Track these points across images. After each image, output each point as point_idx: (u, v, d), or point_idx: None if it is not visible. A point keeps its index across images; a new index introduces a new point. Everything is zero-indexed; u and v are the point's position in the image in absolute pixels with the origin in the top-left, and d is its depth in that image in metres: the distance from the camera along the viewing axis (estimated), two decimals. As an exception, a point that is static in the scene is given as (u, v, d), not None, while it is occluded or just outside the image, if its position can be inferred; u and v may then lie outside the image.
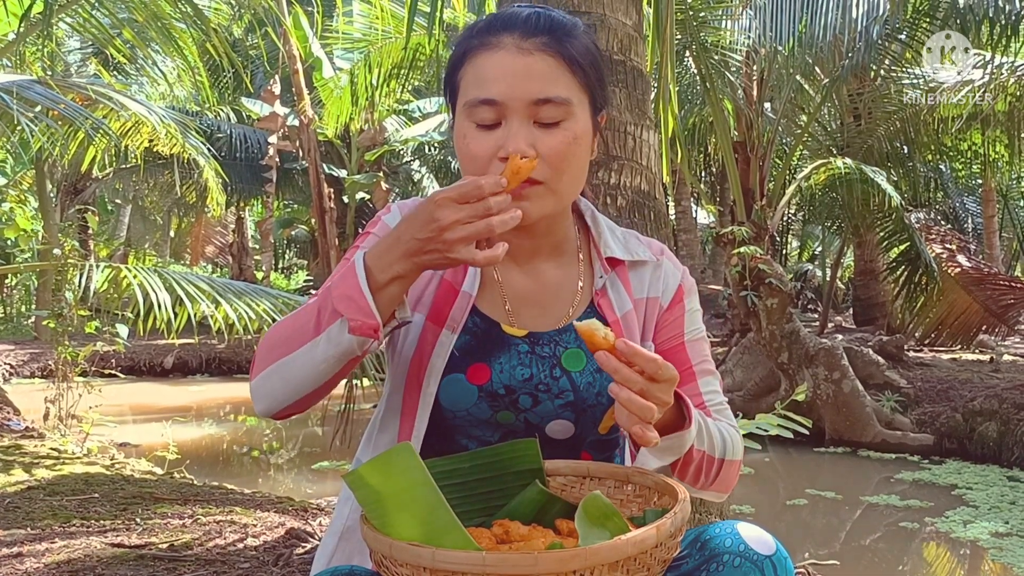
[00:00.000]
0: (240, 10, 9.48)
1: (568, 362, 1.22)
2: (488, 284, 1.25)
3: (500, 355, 1.21)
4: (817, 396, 7.68)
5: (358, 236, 1.28)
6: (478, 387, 1.19)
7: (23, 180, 16.35)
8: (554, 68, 1.14)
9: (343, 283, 1.06)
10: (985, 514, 5.56)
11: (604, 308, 1.25)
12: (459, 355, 1.20)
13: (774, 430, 2.99)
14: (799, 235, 22.98)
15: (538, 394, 1.21)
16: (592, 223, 1.30)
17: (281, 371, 1.10)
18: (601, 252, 1.27)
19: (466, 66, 1.17)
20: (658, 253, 1.31)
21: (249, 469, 7.51)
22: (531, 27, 1.15)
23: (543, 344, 1.23)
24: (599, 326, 1.00)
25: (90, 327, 6.24)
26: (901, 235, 11.41)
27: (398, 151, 15.82)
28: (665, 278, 1.30)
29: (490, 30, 1.17)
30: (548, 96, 1.13)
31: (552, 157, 1.13)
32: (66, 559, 2.73)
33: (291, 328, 1.11)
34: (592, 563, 0.87)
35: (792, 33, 8.05)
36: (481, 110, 1.14)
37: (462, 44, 1.20)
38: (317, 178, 9.79)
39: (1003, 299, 10.99)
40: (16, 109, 4.94)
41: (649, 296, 1.28)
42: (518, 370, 1.21)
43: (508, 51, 1.14)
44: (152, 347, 12.48)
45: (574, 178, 1.19)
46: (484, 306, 1.24)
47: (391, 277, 1.05)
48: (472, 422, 1.20)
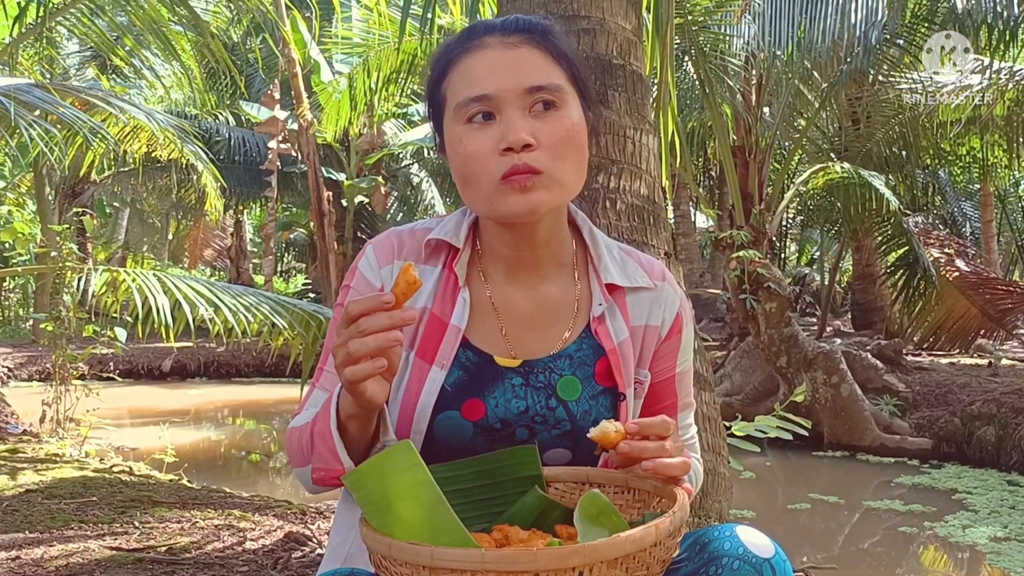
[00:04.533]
0: (238, 15, 9.49)
1: (563, 391, 1.20)
2: (481, 313, 1.22)
3: (494, 389, 1.19)
4: (816, 400, 7.68)
5: (340, 289, 1.26)
6: (473, 423, 1.18)
7: (22, 183, 16.36)
8: (541, 58, 1.15)
9: (321, 419, 1.10)
10: (985, 518, 5.56)
11: (601, 336, 1.22)
12: (453, 391, 1.18)
13: (773, 432, 2.99)
14: (798, 239, 22.97)
15: (534, 426, 1.19)
16: (590, 241, 1.27)
17: (304, 476, 1.17)
18: (601, 276, 1.24)
19: (451, 74, 1.17)
20: (658, 278, 1.28)
21: (247, 472, 7.50)
22: (510, 26, 1.16)
23: (537, 373, 1.21)
24: (607, 426, 1.07)
25: (88, 330, 6.23)
26: (899, 239, 11.42)
27: (397, 155, 15.81)
28: (664, 306, 1.27)
29: (471, 36, 1.17)
30: (540, 83, 1.13)
31: (551, 143, 1.12)
32: (64, 563, 2.72)
33: (297, 444, 1.17)
34: (591, 560, 0.87)
35: (791, 38, 8.07)
36: (474, 108, 1.13)
37: (441, 58, 1.19)
38: (316, 182, 9.81)
39: (1001, 303, 10.99)
40: (14, 113, 4.95)
41: (648, 324, 1.26)
42: (513, 403, 1.19)
43: (493, 48, 1.14)
44: (150, 350, 12.47)
45: (575, 168, 1.16)
46: (476, 338, 1.21)
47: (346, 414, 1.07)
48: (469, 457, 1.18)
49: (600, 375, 1.22)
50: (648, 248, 2.43)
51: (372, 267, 1.23)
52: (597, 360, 1.23)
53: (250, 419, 10.26)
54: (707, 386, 2.50)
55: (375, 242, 1.26)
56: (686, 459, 1.07)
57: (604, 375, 1.22)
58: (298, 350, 5.03)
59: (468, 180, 1.14)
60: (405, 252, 1.23)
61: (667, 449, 1.06)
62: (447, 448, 1.17)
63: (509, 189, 1.11)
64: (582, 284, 1.26)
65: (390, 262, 1.22)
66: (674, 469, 1.05)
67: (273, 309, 4.91)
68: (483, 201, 1.14)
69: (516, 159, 1.10)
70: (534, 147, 1.11)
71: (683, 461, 1.06)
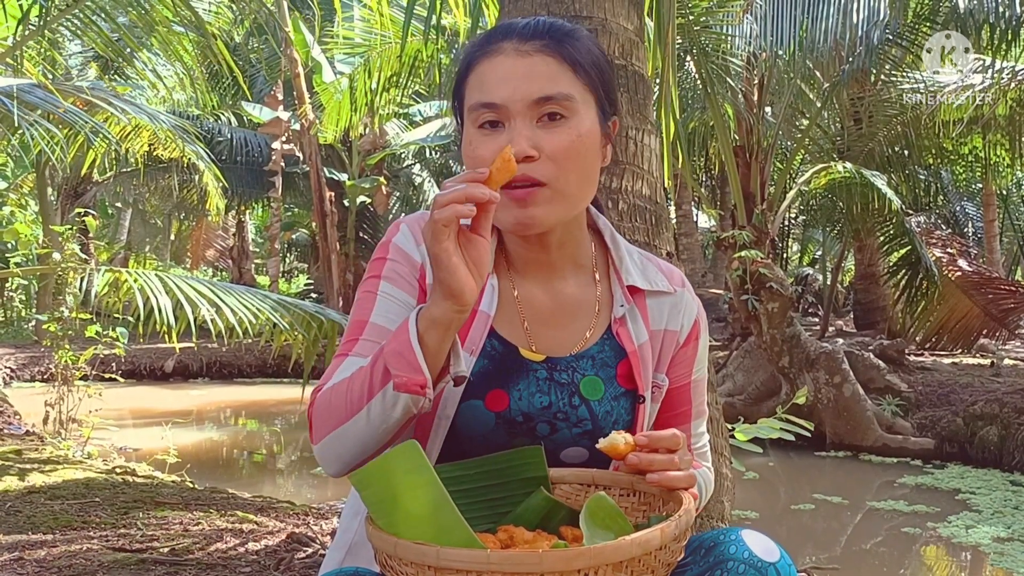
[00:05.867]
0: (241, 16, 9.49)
1: (587, 390, 1.21)
2: (506, 303, 1.23)
3: (518, 381, 1.19)
4: (818, 400, 7.68)
5: (372, 264, 1.23)
6: (496, 414, 1.18)
7: (24, 184, 16.39)
8: (554, 67, 1.14)
9: (395, 339, 1.04)
10: (988, 519, 5.55)
11: (622, 337, 1.23)
12: (478, 380, 1.18)
13: (776, 434, 2.99)
14: (800, 239, 22.99)
15: (556, 422, 1.19)
16: (612, 244, 1.27)
17: (339, 441, 1.08)
18: (623, 278, 1.25)
19: (470, 76, 1.18)
20: (678, 284, 1.30)
21: (250, 473, 7.50)
22: (529, 32, 1.15)
23: (561, 370, 1.21)
24: (617, 437, 1.08)
25: (90, 331, 6.23)
26: (902, 239, 11.41)
27: (399, 155, 15.83)
28: (684, 311, 1.28)
29: (490, 40, 1.17)
30: (548, 94, 1.12)
31: (555, 154, 1.12)
32: (67, 563, 2.72)
33: (344, 393, 1.08)
34: (596, 562, 0.87)
35: (793, 38, 8.06)
36: (483, 114, 1.13)
37: (466, 57, 1.20)
38: (318, 182, 9.82)
39: (1004, 303, 10.98)
40: (16, 113, 4.95)
41: (668, 329, 1.27)
42: (536, 397, 1.19)
43: (507, 55, 1.14)
44: (153, 351, 12.47)
45: (582, 179, 1.15)
46: (502, 328, 1.21)
47: (427, 322, 1.03)
48: (488, 448, 1.17)
49: (622, 377, 1.23)
50: (651, 248, 2.43)
51: (410, 243, 1.22)
52: (619, 362, 1.23)
53: (252, 419, 10.27)
54: (709, 386, 2.48)
55: (408, 220, 1.25)
56: (692, 473, 1.08)
57: (625, 377, 1.23)
58: (300, 350, 5.03)
59: None
60: None
61: (675, 462, 1.07)
62: (467, 438, 1.17)
63: (509, 201, 1.11)
64: (602, 286, 1.27)
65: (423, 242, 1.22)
66: (679, 482, 1.06)
67: (274, 309, 4.91)
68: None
69: (517, 170, 1.10)
70: (536, 158, 1.11)
71: (689, 474, 1.07)
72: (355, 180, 13.60)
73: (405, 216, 1.27)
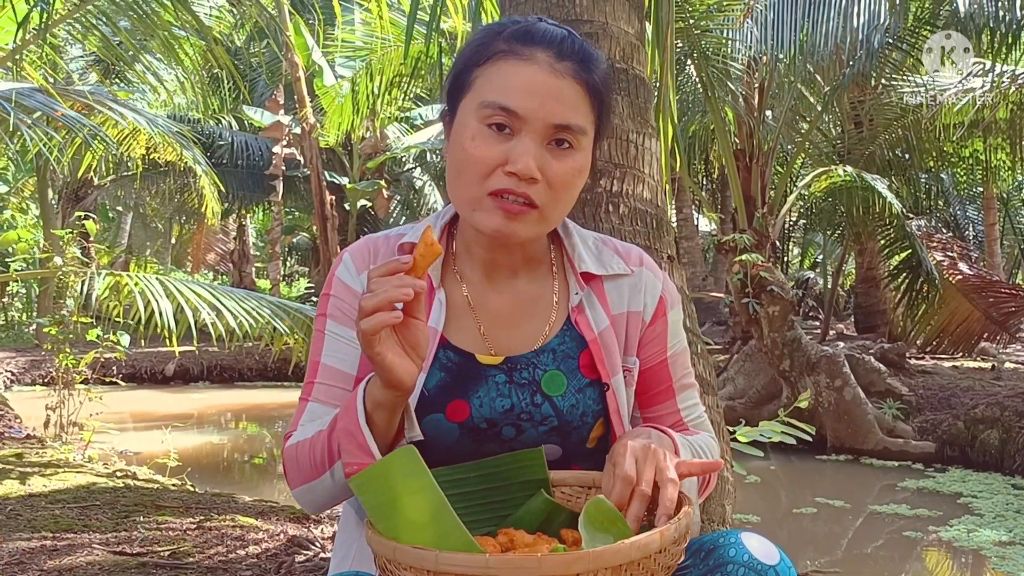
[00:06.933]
0: (242, 20, 9.51)
1: (548, 386, 1.20)
2: (458, 311, 1.22)
3: (477, 388, 1.19)
4: (819, 404, 7.67)
5: (320, 299, 1.24)
6: (459, 424, 1.17)
7: (25, 187, 16.40)
8: (579, 96, 1.13)
9: (345, 415, 1.06)
10: (990, 523, 5.54)
11: (581, 326, 1.22)
12: (436, 393, 1.17)
13: (777, 437, 2.98)
14: (800, 243, 22.98)
15: (521, 423, 1.19)
16: (564, 234, 1.27)
17: (311, 493, 1.15)
18: (576, 266, 1.24)
19: (488, 67, 1.13)
20: (636, 263, 1.28)
21: (250, 476, 7.50)
22: (565, 50, 1.13)
23: (520, 369, 1.20)
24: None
25: (91, 334, 6.23)
26: (902, 243, 11.41)
27: (400, 158, 15.84)
28: (645, 290, 1.26)
29: (524, 40, 1.13)
30: (568, 123, 1.12)
31: (555, 182, 1.12)
32: (68, 567, 2.72)
33: (308, 454, 1.13)
34: (595, 566, 0.87)
35: (793, 42, 8.07)
36: (496, 114, 1.11)
37: (486, 43, 1.15)
38: (319, 185, 9.81)
39: (1004, 307, 10.98)
40: (14, 116, 4.96)
41: (630, 310, 1.25)
42: (497, 401, 1.18)
43: (542, 68, 1.12)
44: (153, 354, 12.46)
45: (567, 206, 1.18)
46: (456, 337, 1.21)
47: (373, 404, 1.04)
48: (458, 459, 1.16)
49: (585, 367, 1.22)
50: (651, 252, 2.43)
51: (351, 273, 1.22)
52: (580, 352, 1.22)
53: (253, 423, 10.26)
54: (710, 390, 2.49)
55: (351, 250, 1.25)
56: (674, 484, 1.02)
57: (589, 367, 1.22)
58: (300, 354, 5.03)
59: (462, 176, 1.14)
60: (380, 257, 1.23)
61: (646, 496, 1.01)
62: (434, 451, 1.16)
63: (496, 208, 1.11)
64: (559, 279, 1.26)
65: (367, 268, 1.21)
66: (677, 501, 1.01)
67: (275, 313, 4.92)
68: (467, 203, 1.14)
69: (516, 185, 1.10)
70: (538, 181, 1.11)
71: (672, 497, 1.01)
72: (356, 184, 13.62)
73: (349, 246, 1.27)
